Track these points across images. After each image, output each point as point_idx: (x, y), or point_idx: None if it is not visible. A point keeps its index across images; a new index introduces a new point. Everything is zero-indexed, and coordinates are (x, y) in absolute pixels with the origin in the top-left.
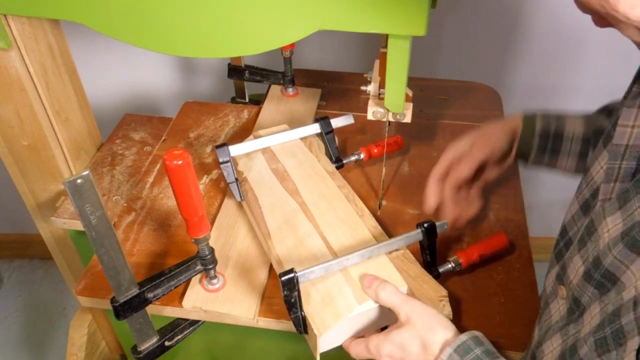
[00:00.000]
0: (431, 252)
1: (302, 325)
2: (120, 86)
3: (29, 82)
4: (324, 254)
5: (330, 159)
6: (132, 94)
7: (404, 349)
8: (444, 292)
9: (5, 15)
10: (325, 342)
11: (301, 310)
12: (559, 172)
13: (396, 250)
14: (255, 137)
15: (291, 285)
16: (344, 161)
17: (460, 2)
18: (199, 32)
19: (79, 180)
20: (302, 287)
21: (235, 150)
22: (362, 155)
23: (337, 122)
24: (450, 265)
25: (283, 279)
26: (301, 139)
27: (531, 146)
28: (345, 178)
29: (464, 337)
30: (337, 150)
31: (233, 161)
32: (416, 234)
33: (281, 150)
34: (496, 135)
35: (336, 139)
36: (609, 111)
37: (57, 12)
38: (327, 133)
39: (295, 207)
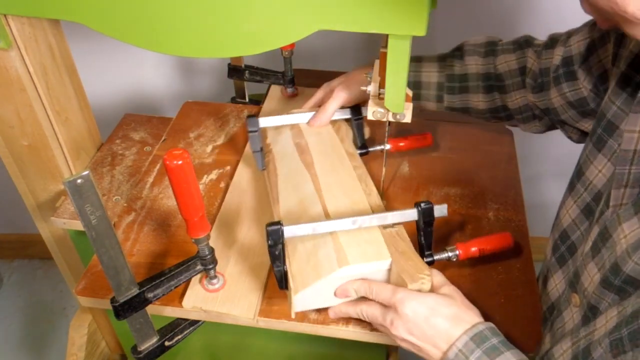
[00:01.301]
0: (426, 235)
1: (283, 280)
2: (120, 86)
3: (29, 82)
4: (320, 218)
5: (357, 145)
6: (132, 94)
7: (434, 310)
8: (427, 271)
9: (5, 15)
10: (300, 300)
11: (284, 264)
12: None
13: (392, 227)
14: (289, 114)
15: (276, 237)
16: (370, 149)
17: (457, 2)
18: (199, 32)
19: (79, 180)
20: (291, 244)
21: (264, 122)
22: (388, 146)
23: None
24: (446, 255)
25: (269, 229)
26: (331, 122)
27: None
28: None
29: (480, 326)
30: (363, 137)
31: (263, 133)
32: (411, 212)
33: (308, 128)
34: (359, 81)
35: (366, 128)
36: (461, 51)
37: (57, 12)
38: (356, 119)
39: (307, 178)
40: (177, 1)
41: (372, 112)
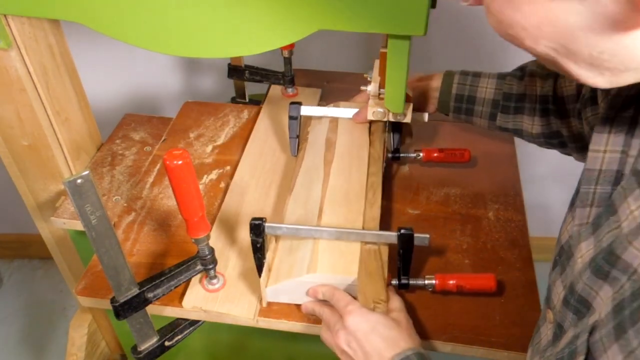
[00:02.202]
0: (404, 260)
1: (261, 270)
2: (120, 86)
3: (29, 82)
4: (310, 223)
5: (390, 149)
6: (132, 94)
7: (374, 329)
8: (383, 297)
9: (5, 15)
10: (271, 293)
11: (264, 257)
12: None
13: (374, 244)
14: (335, 106)
15: (257, 232)
16: (402, 155)
17: (457, 3)
18: (199, 32)
19: (79, 180)
20: (282, 243)
21: (306, 110)
22: (421, 155)
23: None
24: (422, 282)
25: (252, 223)
26: (373, 121)
27: (448, 106)
28: None
29: (409, 352)
30: (399, 141)
31: (306, 120)
32: (390, 235)
33: (345, 123)
34: (411, 87)
35: (407, 133)
36: (523, 71)
37: (57, 12)
38: (393, 123)
39: (320, 176)
40: (177, 1)
41: (372, 112)
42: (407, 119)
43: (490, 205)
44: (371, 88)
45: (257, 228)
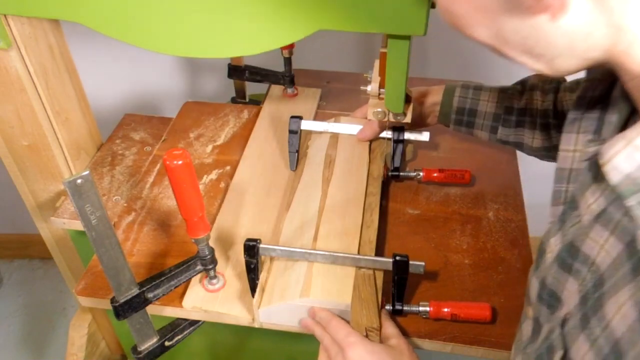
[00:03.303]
0: (399, 286)
1: (255, 291)
2: (120, 86)
3: (29, 82)
4: (306, 243)
5: (390, 167)
6: (132, 94)
7: None
8: (376, 325)
9: (5, 15)
10: (263, 314)
11: (257, 278)
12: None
13: (369, 269)
14: (336, 121)
15: (251, 253)
16: (402, 174)
17: None
18: (199, 32)
19: (79, 180)
20: (276, 262)
21: (306, 125)
22: (421, 174)
23: (410, 135)
24: (416, 309)
25: (246, 244)
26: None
27: (449, 119)
28: None
29: None
30: (400, 160)
31: (306, 134)
32: (386, 262)
33: (345, 139)
34: (418, 102)
35: (410, 152)
36: (524, 85)
37: (57, 12)
38: (397, 141)
39: (318, 195)
40: (177, 1)
41: (372, 112)
42: (407, 119)
43: (490, 205)
44: (371, 88)
45: (252, 249)
